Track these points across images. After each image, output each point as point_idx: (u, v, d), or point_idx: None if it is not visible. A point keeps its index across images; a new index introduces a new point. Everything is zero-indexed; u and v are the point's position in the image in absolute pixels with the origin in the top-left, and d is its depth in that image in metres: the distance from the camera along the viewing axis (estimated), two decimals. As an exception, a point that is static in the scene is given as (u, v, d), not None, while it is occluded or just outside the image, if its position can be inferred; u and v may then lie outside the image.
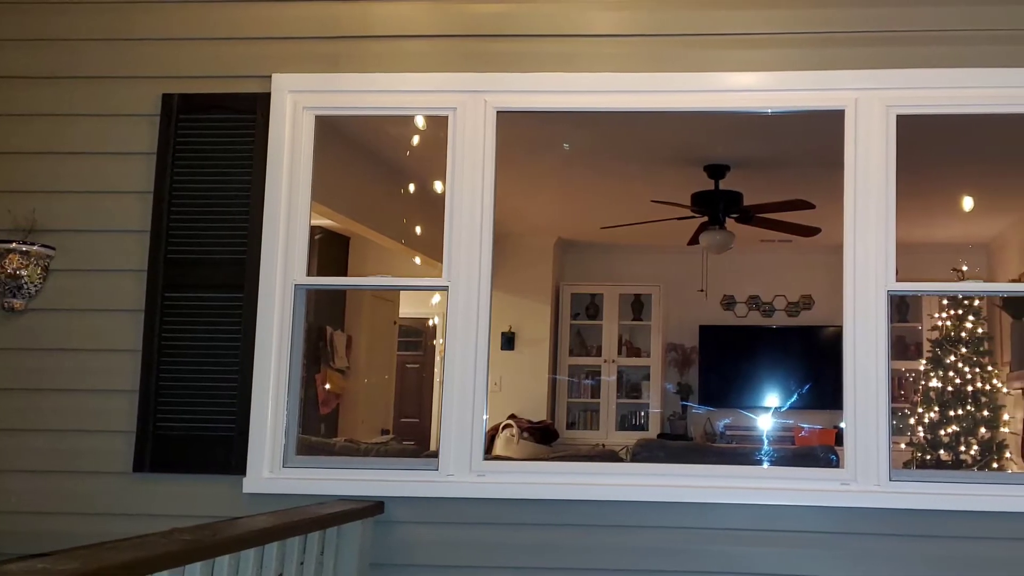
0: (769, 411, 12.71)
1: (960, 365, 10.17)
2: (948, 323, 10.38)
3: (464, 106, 4.87)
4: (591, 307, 13.33)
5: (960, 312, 10.37)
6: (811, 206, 8.88)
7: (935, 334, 10.53)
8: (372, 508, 4.59)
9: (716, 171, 8.99)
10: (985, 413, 9.94)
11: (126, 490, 4.82)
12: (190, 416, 4.82)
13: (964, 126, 6.02)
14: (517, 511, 4.68)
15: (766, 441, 12.32)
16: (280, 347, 4.83)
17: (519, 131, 6.26)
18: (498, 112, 4.88)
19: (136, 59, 5.07)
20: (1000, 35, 4.72)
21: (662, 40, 4.90)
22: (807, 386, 12.63)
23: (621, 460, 7.11)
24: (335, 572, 4.34)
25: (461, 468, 4.71)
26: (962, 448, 9.82)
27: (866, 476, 4.56)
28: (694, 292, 12.99)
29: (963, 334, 10.28)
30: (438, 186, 5.05)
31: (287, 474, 4.79)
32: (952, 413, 10.03)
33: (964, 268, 10.34)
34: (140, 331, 4.87)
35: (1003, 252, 11.28)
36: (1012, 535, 4.46)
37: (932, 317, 10.92)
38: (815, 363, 12.64)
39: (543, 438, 10.40)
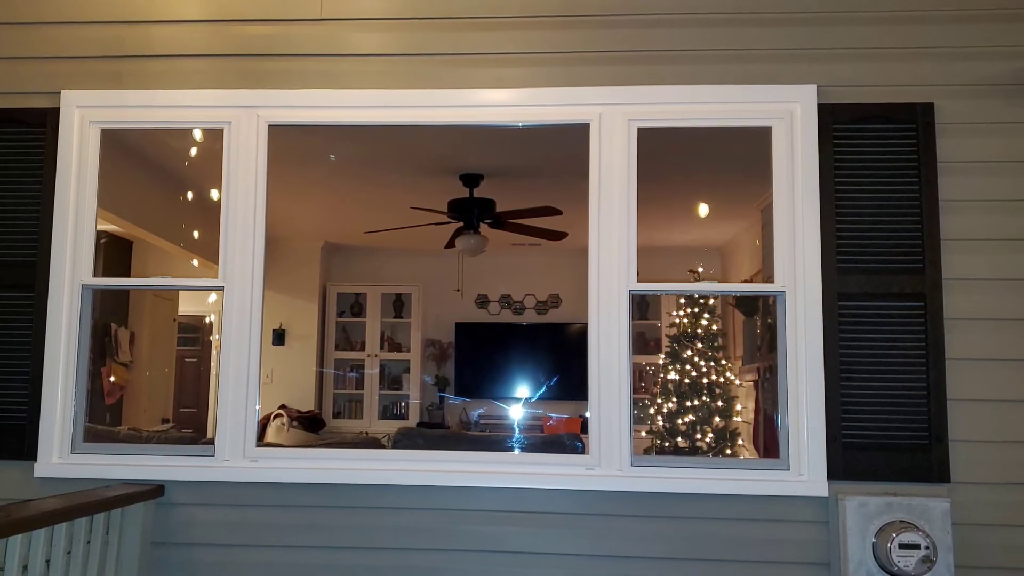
0: (520, 402, 13.09)
1: (696, 359, 10.41)
2: (685, 320, 10.58)
3: (238, 120, 5.05)
4: (355, 305, 13.56)
5: (696, 310, 10.59)
6: (558, 212, 9.29)
7: (673, 330, 10.73)
8: (153, 491, 4.77)
9: (471, 180, 9.30)
10: (719, 403, 10.23)
11: (-76, 476, 4.88)
12: (-16, 406, 4.91)
13: (700, 138, 6.17)
14: (287, 494, 4.87)
15: (517, 429, 12.71)
16: (68, 342, 4.95)
17: (289, 143, 6.34)
18: (270, 126, 5.06)
19: (-67, 76, 5.12)
20: (729, 54, 4.95)
21: (422, 59, 5.07)
22: (555, 378, 12.99)
23: (383, 447, 7.17)
24: (119, 550, 4.55)
25: (236, 454, 4.90)
26: (698, 436, 10.09)
27: (609, 462, 4.79)
28: (451, 292, 13.42)
29: (699, 330, 10.51)
30: (214, 194, 5.20)
31: (75, 460, 4.91)
32: (689, 403, 10.26)
33: (700, 269, 10.85)
34: (-61, 329, 4.95)
35: (735, 255, 11.80)
36: (741, 516, 4.70)
37: (671, 315, 11.19)
38: (562, 357, 13.04)
39: (311, 426, 10.40)
